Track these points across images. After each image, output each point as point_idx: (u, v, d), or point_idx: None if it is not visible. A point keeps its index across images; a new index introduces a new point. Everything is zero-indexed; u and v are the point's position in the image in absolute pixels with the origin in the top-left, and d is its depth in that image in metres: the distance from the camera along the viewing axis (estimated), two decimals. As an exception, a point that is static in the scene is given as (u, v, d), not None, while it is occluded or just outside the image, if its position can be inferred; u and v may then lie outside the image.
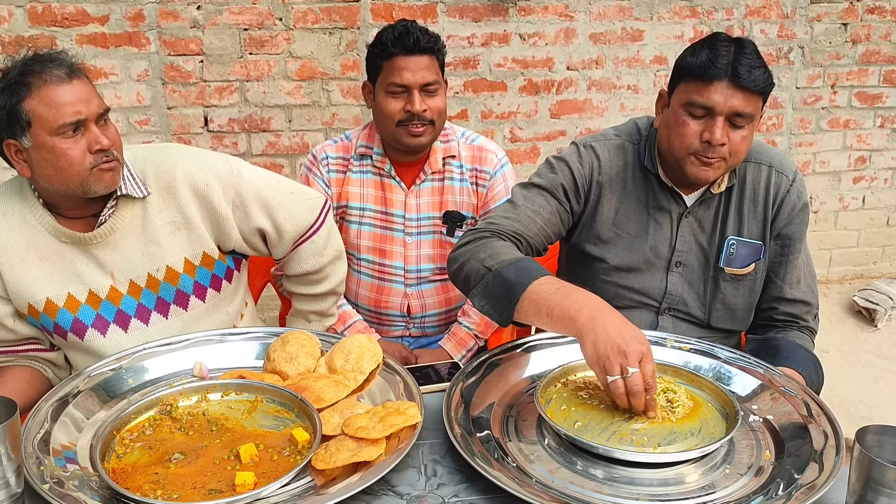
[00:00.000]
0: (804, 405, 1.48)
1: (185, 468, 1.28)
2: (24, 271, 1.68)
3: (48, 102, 1.55)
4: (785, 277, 1.87)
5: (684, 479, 1.31)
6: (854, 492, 1.17)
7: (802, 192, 1.86)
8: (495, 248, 1.64)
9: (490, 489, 1.27)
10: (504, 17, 3.52)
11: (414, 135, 2.12)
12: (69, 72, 1.58)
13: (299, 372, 1.55)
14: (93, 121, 1.60)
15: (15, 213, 1.69)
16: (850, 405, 3.23)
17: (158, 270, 1.76)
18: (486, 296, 1.57)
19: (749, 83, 1.64)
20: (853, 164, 4.21)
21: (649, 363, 1.37)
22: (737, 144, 1.69)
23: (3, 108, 1.55)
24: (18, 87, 1.55)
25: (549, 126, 3.74)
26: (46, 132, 1.56)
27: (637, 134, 1.89)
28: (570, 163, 1.85)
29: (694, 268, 1.85)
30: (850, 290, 4.24)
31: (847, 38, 3.95)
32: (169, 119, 3.32)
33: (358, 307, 2.33)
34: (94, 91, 1.62)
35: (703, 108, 1.67)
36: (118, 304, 1.74)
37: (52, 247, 1.69)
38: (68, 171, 1.59)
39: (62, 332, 1.73)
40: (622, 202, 1.85)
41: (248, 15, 3.27)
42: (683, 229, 1.84)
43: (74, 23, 3.12)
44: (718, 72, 1.65)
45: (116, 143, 1.64)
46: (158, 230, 1.74)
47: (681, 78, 1.73)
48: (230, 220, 1.79)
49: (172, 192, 1.75)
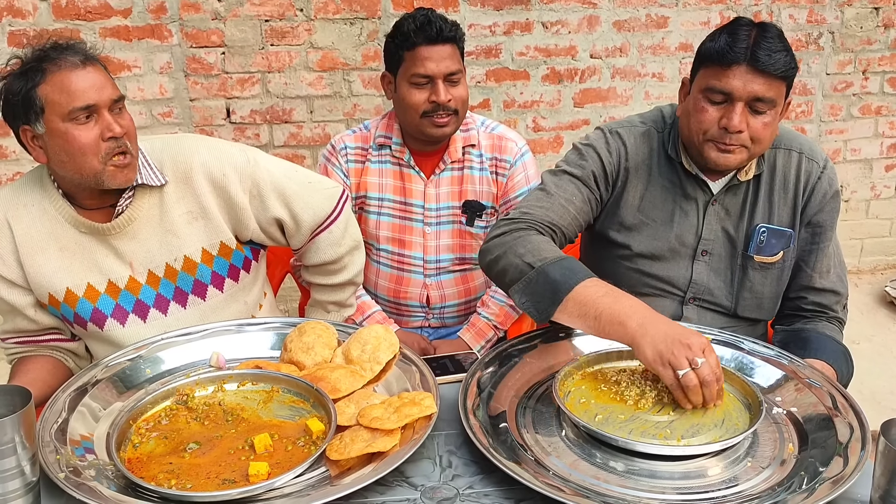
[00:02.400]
0: (829, 397, 1.44)
1: (200, 458, 1.28)
2: (45, 262, 1.69)
3: (61, 88, 1.55)
4: (815, 266, 1.83)
5: (706, 473, 1.29)
6: (879, 486, 1.14)
7: (833, 180, 1.81)
8: (535, 242, 1.61)
9: (505, 481, 1.26)
10: (526, 6, 3.48)
11: (439, 125, 2.10)
12: (83, 58, 1.59)
13: (316, 362, 1.55)
14: (106, 107, 1.59)
15: (35, 204, 1.70)
16: (881, 397, 3.17)
17: (176, 260, 1.76)
18: (529, 293, 1.55)
19: (769, 66, 1.60)
20: (885, 152, 4.11)
21: (712, 353, 1.36)
22: (758, 131, 1.65)
23: (18, 93, 1.56)
24: (33, 73, 1.56)
25: (573, 115, 3.70)
26: (59, 118, 1.56)
27: (662, 122, 1.86)
28: (599, 149, 1.82)
29: (721, 256, 1.82)
30: (881, 281, 4.15)
31: (879, 23, 3.86)
32: (191, 111, 3.33)
33: (377, 298, 2.33)
34: (109, 78, 1.63)
35: (722, 94, 1.64)
36: (137, 294, 1.75)
37: (71, 237, 1.70)
38: (81, 158, 1.59)
39: (82, 322, 1.74)
40: (648, 189, 1.82)
41: (269, 6, 3.27)
42: (710, 217, 1.80)
43: (98, 16, 3.14)
44: (737, 56, 1.61)
45: (130, 131, 1.64)
46: (176, 220, 1.74)
47: (701, 64, 1.69)
48: (247, 209, 1.79)
49: (189, 182, 1.75)
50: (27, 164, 3.24)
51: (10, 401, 1.21)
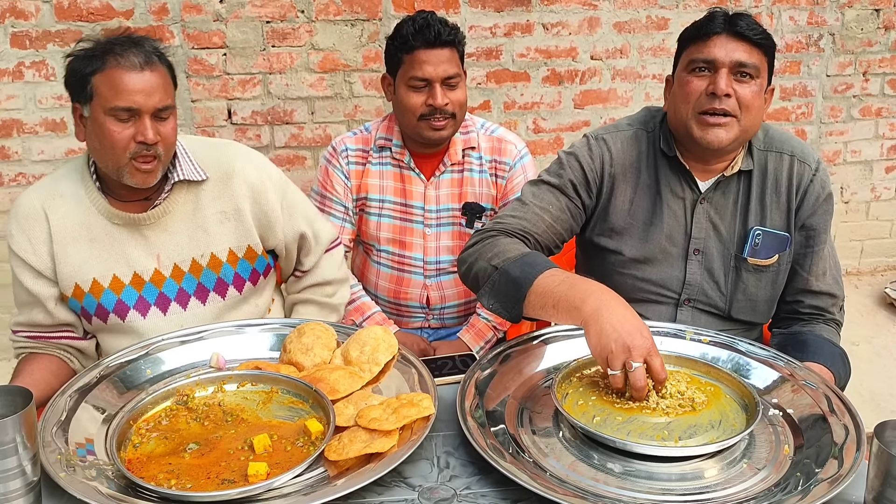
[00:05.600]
0: (825, 398, 1.45)
1: (200, 458, 1.29)
2: (75, 252, 1.73)
3: (111, 83, 1.61)
4: (811, 269, 1.83)
5: (703, 474, 1.29)
6: (873, 488, 1.14)
7: (826, 182, 1.81)
8: (501, 245, 1.63)
9: (503, 482, 1.26)
10: (527, 7, 3.49)
11: (436, 129, 2.11)
12: (145, 61, 1.63)
13: (315, 363, 1.56)
14: (148, 113, 1.63)
15: (70, 194, 1.74)
16: (880, 399, 3.17)
17: (203, 256, 1.81)
18: (495, 294, 1.57)
19: (748, 31, 1.65)
20: (885, 154, 4.11)
21: (656, 357, 1.36)
22: (746, 98, 1.67)
23: (77, 73, 1.63)
24: (95, 60, 1.62)
25: (573, 117, 3.71)
26: (101, 109, 1.62)
27: (651, 121, 1.86)
28: (580, 156, 1.82)
29: (713, 256, 1.82)
30: (881, 282, 4.15)
31: (879, 24, 3.86)
32: (193, 112, 3.34)
33: (377, 298, 2.34)
34: (165, 85, 1.67)
35: (705, 62, 1.67)
36: (160, 286, 1.79)
37: (102, 227, 1.74)
38: (110, 150, 1.64)
39: (103, 314, 1.77)
40: (636, 192, 1.82)
41: (270, 8, 3.28)
42: (699, 215, 1.80)
43: (100, 17, 3.15)
44: (716, 27, 1.67)
45: (168, 140, 1.68)
46: (208, 217, 1.80)
47: (682, 48, 1.74)
48: (279, 220, 1.87)
49: (228, 183, 1.81)
50: (29, 164, 3.25)
51: (12, 401, 1.22)
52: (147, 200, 1.76)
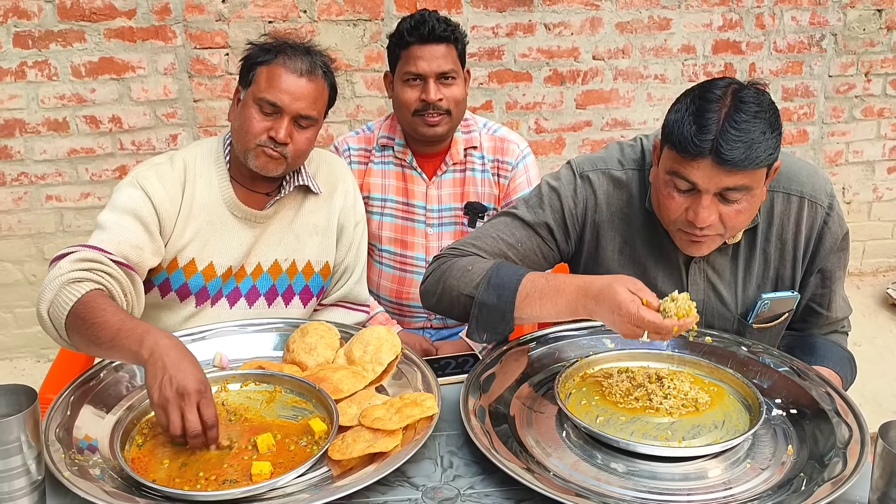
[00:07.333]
0: (828, 398, 1.45)
1: (203, 458, 1.29)
2: (191, 227, 1.77)
3: (270, 77, 1.72)
4: (829, 306, 1.74)
5: (706, 474, 1.30)
6: (877, 488, 1.14)
7: (842, 220, 1.65)
8: (460, 268, 1.58)
9: (506, 482, 1.26)
10: (529, 7, 3.49)
11: (429, 124, 2.11)
12: (308, 69, 1.73)
13: (318, 363, 1.56)
14: (289, 115, 1.72)
15: (204, 177, 1.81)
16: (882, 399, 3.17)
17: (286, 261, 1.86)
18: (482, 328, 1.56)
19: (737, 164, 1.39)
20: (887, 154, 4.11)
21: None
22: (731, 218, 1.47)
23: (250, 60, 1.77)
24: (268, 54, 1.75)
25: (575, 116, 3.71)
26: (252, 96, 1.73)
27: (642, 159, 1.68)
28: (563, 196, 1.68)
29: (714, 316, 1.69)
30: (883, 283, 4.15)
31: (882, 25, 3.86)
32: (195, 112, 3.34)
33: (380, 298, 2.34)
34: (314, 97, 1.75)
35: (687, 182, 1.45)
36: (239, 281, 1.83)
37: (220, 215, 1.80)
38: (246, 133, 1.73)
39: (185, 293, 1.79)
40: (627, 240, 1.68)
41: (272, 7, 3.28)
42: (695, 276, 1.66)
43: (102, 17, 3.15)
44: (700, 150, 1.40)
45: (299, 147, 1.76)
46: (304, 226, 1.87)
47: (665, 140, 1.49)
48: (347, 246, 1.95)
49: (330, 199, 1.91)
50: (31, 164, 3.25)
51: (16, 400, 1.22)
52: (267, 196, 1.83)
